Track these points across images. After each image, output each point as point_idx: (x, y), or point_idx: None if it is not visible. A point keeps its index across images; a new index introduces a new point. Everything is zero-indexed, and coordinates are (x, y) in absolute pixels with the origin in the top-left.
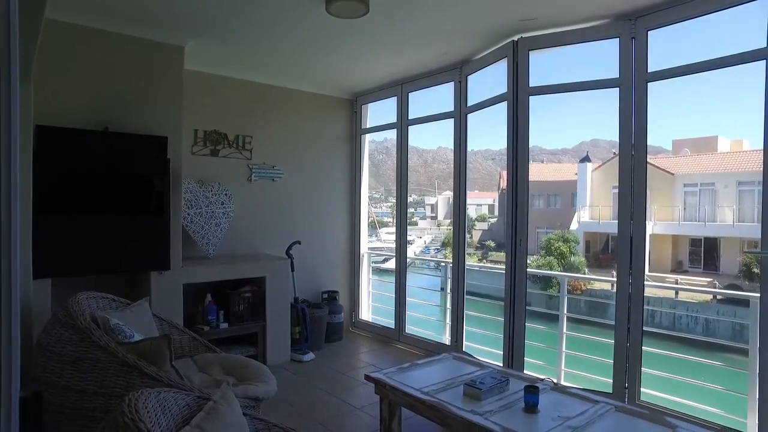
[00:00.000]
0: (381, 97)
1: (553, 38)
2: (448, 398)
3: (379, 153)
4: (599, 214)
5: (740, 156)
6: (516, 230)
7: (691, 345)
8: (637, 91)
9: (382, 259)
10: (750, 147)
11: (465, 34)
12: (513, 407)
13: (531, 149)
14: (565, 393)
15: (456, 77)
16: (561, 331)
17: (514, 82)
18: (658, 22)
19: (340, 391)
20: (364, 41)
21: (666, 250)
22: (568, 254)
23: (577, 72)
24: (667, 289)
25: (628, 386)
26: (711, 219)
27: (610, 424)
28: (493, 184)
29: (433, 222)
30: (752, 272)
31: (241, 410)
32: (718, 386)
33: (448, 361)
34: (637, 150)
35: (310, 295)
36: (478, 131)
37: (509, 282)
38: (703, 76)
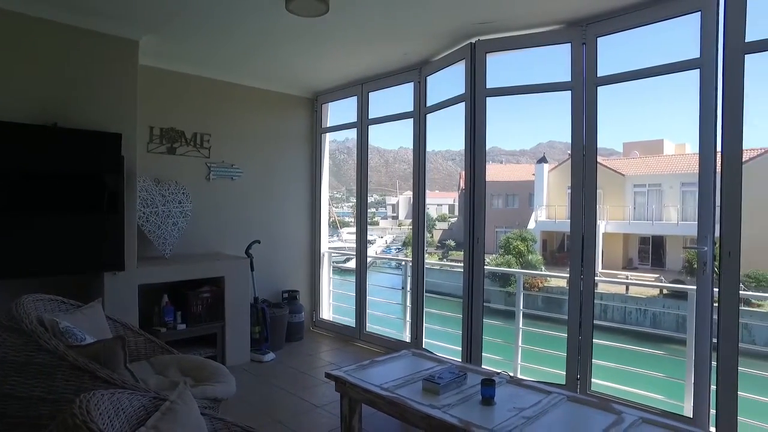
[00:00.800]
0: (341, 97)
1: (509, 41)
2: (407, 394)
3: (340, 153)
4: (555, 213)
5: (683, 159)
6: (473, 229)
7: (640, 337)
8: (588, 94)
9: (344, 259)
10: (691, 150)
11: (424, 35)
12: (470, 400)
13: (490, 150)
14: (520, 385)
15: (415, 78)
16: (517, 326)
17: (471, 83)
18: (607, 30)
19: (301, 390)
20: (324, 40)
21: (618, 248)
22: (526, 253)
23: (537, 74)
24: (618, 284)
25: (579, 377)
26: (658, 218)
27: (562, 413)
28: (454, 184)
29: (394, 222)
30: (693, 267)
31: (198, 410)
32: (660, 374)
33: (408, 357)
34: (587, 151)
35: (270, 295)
36: (439, 132)
37: (467, 280)
38: (650, 81)
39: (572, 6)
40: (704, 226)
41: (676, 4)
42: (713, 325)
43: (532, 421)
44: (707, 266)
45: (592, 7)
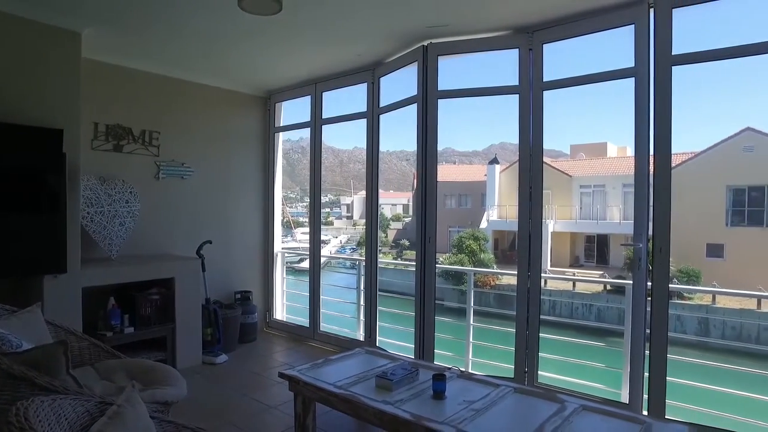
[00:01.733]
0: (295, 96)
1: (460, 45)
2: (361, 391)
3: (294, 152)
4: (507, 213)
5: (625, 161)
6: (425, 229)
7: (586, 331)
8: (534, 98)
9: (298, 259)
10: (631, 153)
11: (377, 36)
12: (422, 395)
13: (444, 151)
14: (470, 379)
15: (369, 78)
16: (468, 323)
17: (423, 85)
18: (552, 37)
19: (254, 391)
20: (277, 39)
21: (565, 247)
22: (479, 252)
23: (491, 77)
24: (566, 281)
25: (527, 370)
26: (602, 217)
27: (509, 404)
28: (408, 184)
29: (349, 222)
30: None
31: (147, 413)
32: (601, 364)
33: (361, 355)
34: (534, 153)
35: (222, 296)
36: (394, 132)
37: (419, 278)
38: (595, 87)
39: (519, 13)
40: (639, 225)
41: (613, 16)
42: (647, 317)
43: (480, 413)
44: (642, 262)
45: (538, 16)
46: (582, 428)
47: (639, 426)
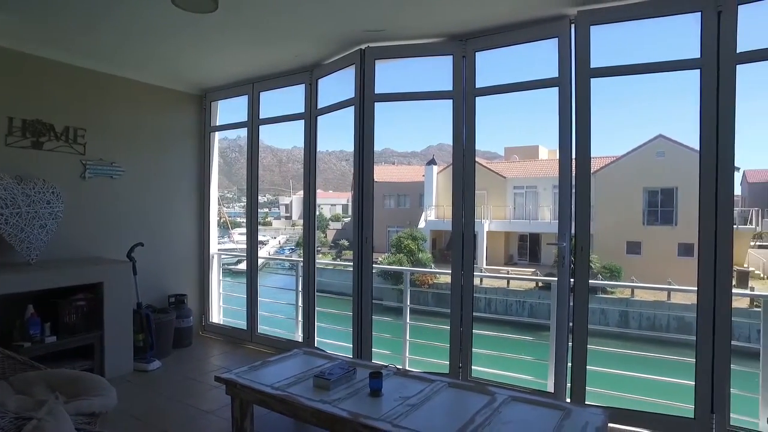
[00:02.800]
0: (232, 95)
1: (396, 50)
2: (298, 391)
3: (231, 151)
4: (444, 213)
5: (555, 163)
6: (362, 229)
7: (519, 326)
8: (467, 103)
9: (235, 261)
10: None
11: (315, 38)
12: (359, 393)
13: (383, 151)
14: (406, 376)
15: (307, 79)
16: (405, 321)
17: (361, 88)
18: (484, 45)
19: (190, 397)
20: (213, 37)
21: (500, 245)
22: (417, 251)
23: (430, 82)
24: (500, 279)
25: (461, 366)
26: (534, 217)
27: (443, 398)
28: (348, 185)
29: (287, 222)
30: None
31: (72, 425)
32: (529, 357)
33: (300, 356)
34: (467, 155)
35: (155, 300)
36: (334, 132)
37: (357, 278)
38: (529, 93)
39: (453, 22)
40: (563, 225)
41: (539, 29)
42: (570, 311)
43: (416, 408)
44: (566, 260)
45: (471, 25)
46: (509, 417)
47: (561, 412)
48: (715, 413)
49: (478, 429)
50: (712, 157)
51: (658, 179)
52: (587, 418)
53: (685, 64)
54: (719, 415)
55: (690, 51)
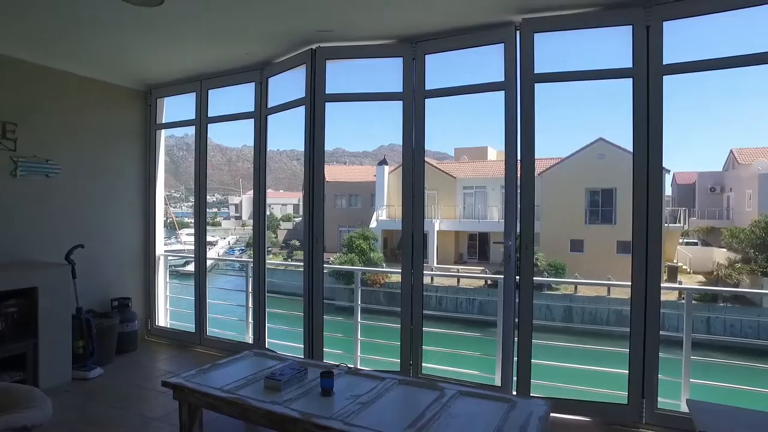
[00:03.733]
0: (179, 92)
1: (347, 51)
2: (249, 393)
3: (179, 149)
4: (395, 213)
5: (503, 164)
6: (313, 229)
7: (468, 323)
8: (417, 105)
9: (183, 262)
10: None
11: (265, 37)
12: (311, 393)
13: (335, 151)
14: (358, 375)
15: (257, 78)
16: (356, 320)
17: (311, 87)
18: (433, 48)
19: (135, 404)
20: (158, 31)
21: (450, 245)
22: (368, 251)
23: (382, 82)
24: (451, 277)
25: (412, 363)
26: (483, 217)
27: (394, 395)
28: (299, 184)
29: (237, 222)
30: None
31: None
32: (477, 353)
33: (250, 358)
34: (416, 155)
35: (97, 304)
36: (285, 131)
37: (307, 278)
38: (478, 96)
39: (403, 25)
40: (509, 224)
41: (486, 35)
42: (516, 307)
43: (367, 405)
44: (511, 258)
45: (421, 28)
46: (458, 411)
47: (507, 404)
48: (645, 398)
49: (427, 424)
50: (644, 160)
51: (598, 180)
52: (531, 409)
53: (619, 73)
54: (649, 400)
55: (625, 61)
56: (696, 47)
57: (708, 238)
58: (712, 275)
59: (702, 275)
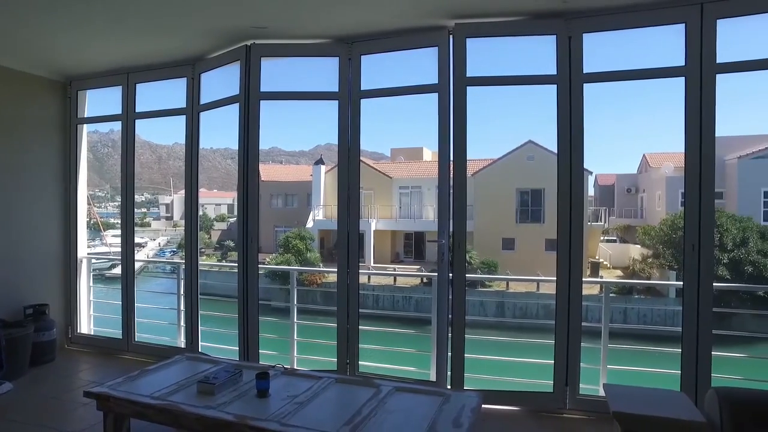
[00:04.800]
0: (104, 85)
1: (282, 49)
2: (181, 399)
3: (104, 145)
4: (332, 212)
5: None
6: (247, 229)
7: (405, 321)
8: (353, 105)
9: (109, 265)
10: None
11: (198, 31)
12: (246, 395)
13: (270, 150)
14: (294, 375)
15: (189, 73)
16: (292, 321)
17: (246, 85)
18: (369, 49)
19: (52, 419)
20: (79, 19)
21: (387, 244)
22: (305, 251)
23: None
24: (387, 276)
25: (349, 362)
26: (419, 216)
27: (331, 394)
28: (233, 184)
29: (169, 222)
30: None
31: None
32: (412, 350)
33: (182, 363)
34: (352, 155)
35: (7, 312)
36: (219, 129)
37: (242, 279)
38: (413, 97)
39: (339, 24)
40: (442, 223)
41: (420, 37)
42: (449, 304)
43: (304, 405)
44: (445, 256)
45: (356, 28)
46: (394, 407)
47: (441, 398)
48: (568, 386)
49: (364, 420)
50: (567, 162)
51: (528, 181)
52: (464, 402)
53: (545, 79)
54: (572, 387)
55: (552, 68)
56: (618, 58)
57: (625, 236)
58: (628, 270)
59: (620, 270)
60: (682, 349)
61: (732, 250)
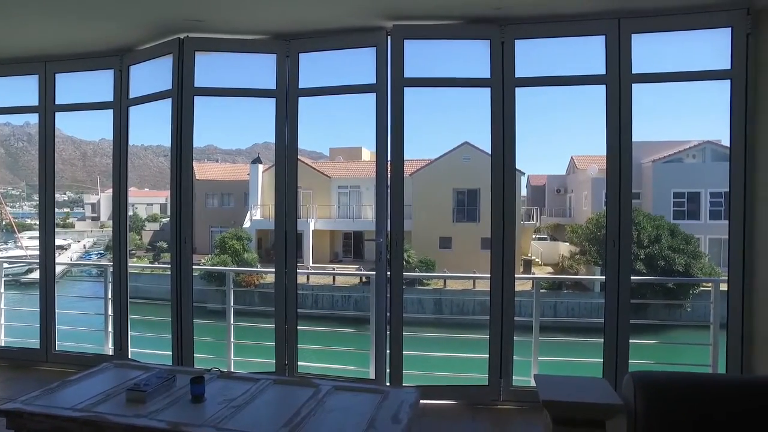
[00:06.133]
0: (16, 73)
1: (218, 43)
2: (108, 409)
3: (18, 139)
4: (269, 212)
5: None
6: (181, 229)
7: (345, 320)
8: (290, 103)
9: (26, 270)
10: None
11: (126, 19)
12: (180, 401)
13: (206, 148)
14: (231, 378)
15: (116, 65)
16: (228, 323)
17: (179, 79)
18: (307, 47)
19: None
20: None
21: (326, 244)
22: (242, 252)
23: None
24: (326, 275)
25: (287, 363)
26: (358, 216)
27: (269, 396)
28: (166, 182)
29: (95, 223)
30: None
31: None
32: (351, 348)
33: (110, 371)
34: (289, 154)
35: None
36: (151, 125)
37: (175, 281)
38: (353, 97)
39: (277, 21)
40: (380, 222)
41: (359, 37)
42: (387, 302)
43: (241, 408)
44: (383, 254)
45: (295, 26)
46: (333, 406)
47: (380, 395)
48: (502, 378)
49: (303, 420)
50: (500, 162)
51: (464, 181)
52: (402, 398)
53: (480, 82)
54: (505, 379)
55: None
56: (557, 64)
57: (555, 234)
58: (558, 266)
59: (551, 267)
60: (604, 339)
61: (647, 246)
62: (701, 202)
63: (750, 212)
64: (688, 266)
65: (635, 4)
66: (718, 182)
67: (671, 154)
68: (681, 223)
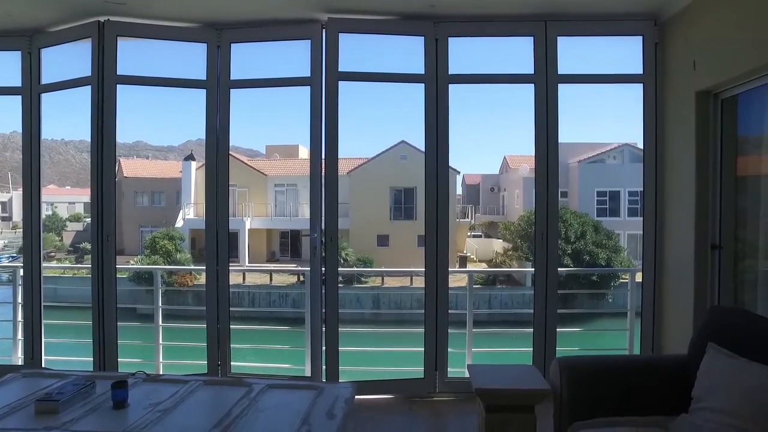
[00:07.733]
0: None
1: (141, 29)
2: (15, 423)
3: None
4: (203, 211)
5: None
6: (102, 226)
7: (280, 319)
8: (222, 96)
9: None
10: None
11: None
12: (101, 408)
13: (135, 144)
14: (158, 381)
15: (25, 46)
16: (157, 324)
17: (99, 66)
18: (240, 38)
19: None
20: None
21: (262, 242)
22: (174, 252)
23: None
24: (264, 273)
25: (220, 363)
26: (295, 214)
27: (199, 397)
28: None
29: (6, 224)
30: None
31: None
32: (285, 346)
33: (17, 381)
34: (221, 149)
35: None
36: (71, 117)
37: (96, 282)
38: (288, 93)
39: (207, 9)
40: (314, 218)
41: (293, 29)
42: (322, 298)
43: (168, 412)
44: (317, 250)
45: (227, 15)
46: (267, 404)
47: (315, 392)
48: (438, 371)
49: (234, 421)
50: (434, 161)
51: (401, 179)
52: (337, 393)
53: (414, 78)
54: (441, 371)
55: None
56: (487, 65)
57: (489, 231)
58: (492, 262)
59: (486, 263)
60: (534, 328)
61: (574, 242)
62: (621, 201)
63: (660, 210)
64: (609, 260)
65: (560, 8)
66: (635, 182)
67: (595, 155)
68: (604, 219)
